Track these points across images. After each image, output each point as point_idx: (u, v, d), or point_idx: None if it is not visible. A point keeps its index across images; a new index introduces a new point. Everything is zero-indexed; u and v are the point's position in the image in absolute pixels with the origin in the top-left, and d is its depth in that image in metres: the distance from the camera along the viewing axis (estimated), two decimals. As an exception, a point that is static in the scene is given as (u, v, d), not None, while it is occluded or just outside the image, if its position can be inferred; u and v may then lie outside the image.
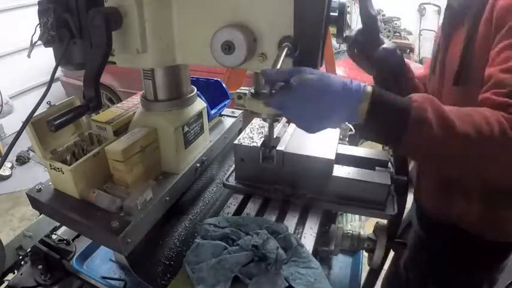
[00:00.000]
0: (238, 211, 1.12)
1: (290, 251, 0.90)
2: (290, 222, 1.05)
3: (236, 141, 1.16)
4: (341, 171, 1.09)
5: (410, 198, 1.15)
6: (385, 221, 1.11)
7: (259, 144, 1.13)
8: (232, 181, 1.20)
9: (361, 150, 1.22)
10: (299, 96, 0.69)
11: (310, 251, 0.94)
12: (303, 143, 1.13)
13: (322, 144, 1.13)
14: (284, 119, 1.30)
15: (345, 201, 1.09)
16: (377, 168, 1.11)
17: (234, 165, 1.22)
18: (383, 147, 1.28)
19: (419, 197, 1.24)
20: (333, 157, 1.07)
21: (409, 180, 1.08)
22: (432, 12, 6.61)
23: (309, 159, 1.08)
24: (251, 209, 1.12)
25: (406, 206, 1.09)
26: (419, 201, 1.24)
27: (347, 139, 1.38)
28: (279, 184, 1.13)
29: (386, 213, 1.05)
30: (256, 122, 1.30)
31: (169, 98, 0.99)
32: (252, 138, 1.17)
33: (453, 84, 0.93)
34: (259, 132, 1.22)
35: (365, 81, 0.73)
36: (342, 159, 1.14)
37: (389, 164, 1.14)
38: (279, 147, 1.10)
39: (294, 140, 1.15)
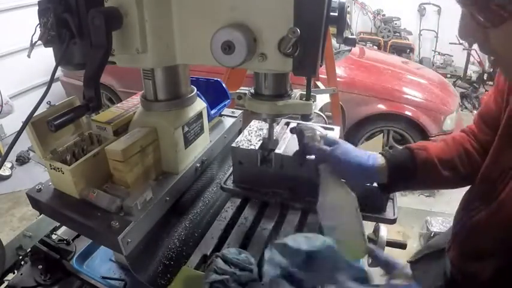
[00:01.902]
0: (236, 215, 1.11)
1: None
2: (289, 227, 1.05)
3: (234, 144, 1.14)
4: None
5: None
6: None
7: (257, 147, 1.11)
8: (230, 184, 1.18)
9: None
10: None
11: None
12: None
13: None
14: (283, 121, 1.29)
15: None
16: None
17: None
18: (383, 147, 1.27)
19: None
20: None
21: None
22: (432, 12, 6.62)
23: (308, 162, 1.04)
24: (249, 213, 1.11)
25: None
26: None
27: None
28: (278, 188, 1.11)
29: (386, 217, 1.04)
30: (255, 124, 1.29)
31: (169, 98, 0.99)
32: (250, 141, 1.15)
33: None
34: (257, 135, 1.20)
35: (365, 81, 0.73)
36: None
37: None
38: (277, 150, 1.08)
39: (293, 142, 1.13)
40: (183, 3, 0.82)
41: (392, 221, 1.05)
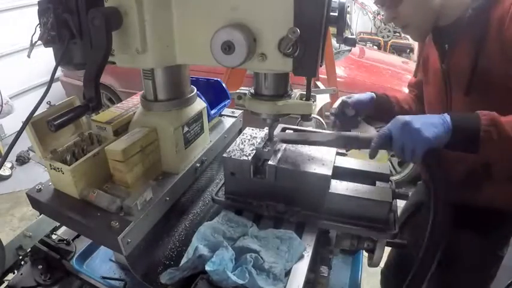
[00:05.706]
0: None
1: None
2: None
3: (225, 154, 1.07)
4: (338, 187, 1.00)
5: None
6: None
7: (250, 157, 1.04)
8: (221, 196, 1.11)
9: (361, 163, 1.12)
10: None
11: (310, 253, 0.91)
12: (297, 156, 1.05)
13: (319, 157, 1.05)
14: (279, 127, 1.24)
15: (342, 219, 1.00)
16: (377, 183, 1.03)
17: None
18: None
19: None
20: (329, 172, 0.99)
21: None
22: (432, 12, 6.60)
23: (304, 174, 0.99)
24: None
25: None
26: None
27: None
28: (272, 200, 1.04)
29: (387, 232, 0.97)
30: (248, 132, 1.21)
31: (169, 98, 0.99)
32: (243, 151, 1.08)
33: (464, 94, 1.04)
34: (251, 144, 1.12)
35: (365, 81, 0.73)
36: (340, 172, 1.06)
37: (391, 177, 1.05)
38: (271, 162, 1.01)
39: (288, 152, 1.07)
40: (183, 3, 0.82)
41: (393, 236, 0.98)
